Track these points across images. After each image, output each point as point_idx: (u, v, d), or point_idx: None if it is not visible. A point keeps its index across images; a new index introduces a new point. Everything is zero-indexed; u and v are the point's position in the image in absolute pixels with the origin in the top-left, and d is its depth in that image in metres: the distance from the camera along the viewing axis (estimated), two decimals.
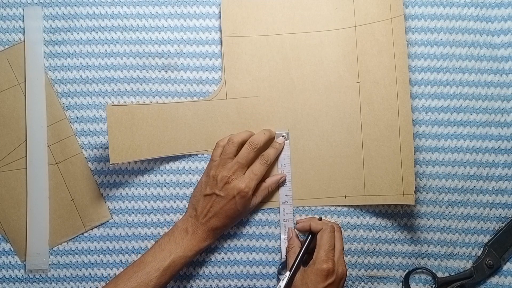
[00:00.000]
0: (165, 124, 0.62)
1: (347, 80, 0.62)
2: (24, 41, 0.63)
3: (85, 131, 0.64)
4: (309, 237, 0.59)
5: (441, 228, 0.62)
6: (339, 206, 0.63)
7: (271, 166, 0.61)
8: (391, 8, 0.60)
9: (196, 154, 0.63)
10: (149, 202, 0.64)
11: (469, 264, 0.62)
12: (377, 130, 0.61)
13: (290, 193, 0.62)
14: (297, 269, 0.57)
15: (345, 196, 0.62)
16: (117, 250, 0.64)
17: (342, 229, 0.62)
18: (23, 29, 0.64)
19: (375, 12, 0.61)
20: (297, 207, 0.63)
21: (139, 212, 0.64)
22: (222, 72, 0.63)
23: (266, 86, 0.62)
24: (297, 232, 0.62)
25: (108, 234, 0.64)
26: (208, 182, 0.59)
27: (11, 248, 0.64)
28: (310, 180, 0.63)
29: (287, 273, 0.57)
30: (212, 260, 0.64)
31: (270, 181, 0.62)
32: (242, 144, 0.60)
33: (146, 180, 0.64)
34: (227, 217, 0.59)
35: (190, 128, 0.63)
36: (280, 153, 0.62)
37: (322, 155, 0.62)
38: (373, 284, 0.63)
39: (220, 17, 0.63)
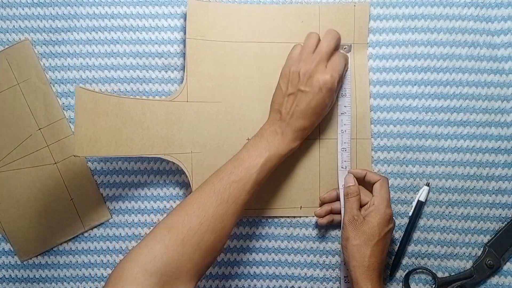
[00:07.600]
0: (123, 121, 0.58)
1: None
2: (24, 41, 0.63)
3: None
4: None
5: (441, 228, 0.62)
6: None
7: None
8: (355, 34, 0.61)
9: None
10: (149, 202, 0.64)
11: (469, 264, 0.62)
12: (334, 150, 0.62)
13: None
14: None
15: (300, 207, 0.63)
16: (117, 250, 0.64)
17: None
18: (23, 29, 0.63)
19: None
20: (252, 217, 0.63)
21: (139, 212, 0.64)
22: (184, 73, 0.62)
23: (228, 93, 0.61)
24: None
25: (108, 234, 0.64)
26: (291, 81, 0.57)
27: (11, 248, 0.64)
28: (263, 191, 0.62)
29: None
30: None
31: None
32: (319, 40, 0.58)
33: (146, 180, 0.64)
34: (314, 113, 0.57)
35: (148, 128, 0.59)
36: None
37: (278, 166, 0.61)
38: None
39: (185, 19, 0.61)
